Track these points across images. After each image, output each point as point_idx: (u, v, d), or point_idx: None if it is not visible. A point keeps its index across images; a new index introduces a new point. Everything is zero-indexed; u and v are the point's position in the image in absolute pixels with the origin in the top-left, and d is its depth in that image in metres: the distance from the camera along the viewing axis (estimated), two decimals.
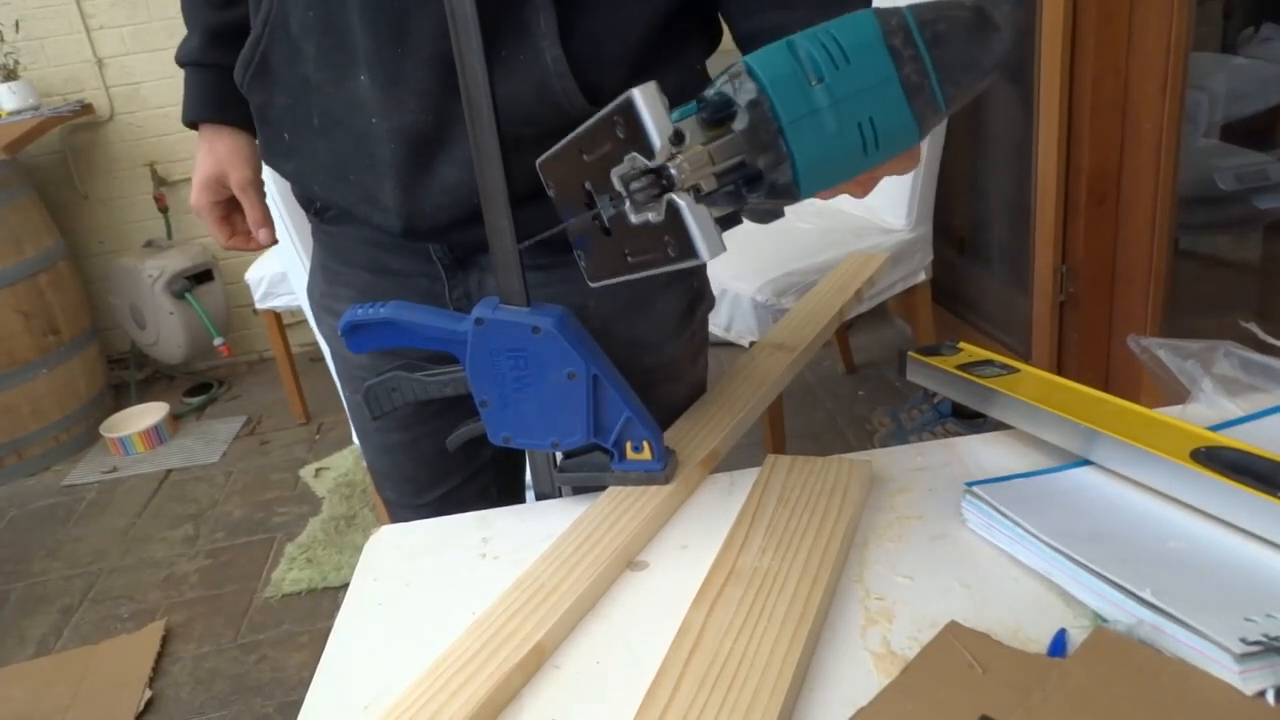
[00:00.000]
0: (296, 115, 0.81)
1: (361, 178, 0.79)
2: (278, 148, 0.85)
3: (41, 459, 2.87)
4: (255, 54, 0.81)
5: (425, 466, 0.98)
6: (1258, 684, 0.46)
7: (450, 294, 0.87)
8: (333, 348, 1.01)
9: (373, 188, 0.79)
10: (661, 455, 0.71)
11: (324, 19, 0.76)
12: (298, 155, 0.84)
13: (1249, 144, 2.35)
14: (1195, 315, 2.12)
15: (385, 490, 1.03)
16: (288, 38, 0.79)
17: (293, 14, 0.77)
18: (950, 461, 0.73)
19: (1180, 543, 0.57)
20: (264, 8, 0.79)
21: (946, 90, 0.54)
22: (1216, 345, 0.75)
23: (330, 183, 0.82)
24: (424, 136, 0.75)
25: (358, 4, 0.73)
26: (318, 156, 0.82)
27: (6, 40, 3.02)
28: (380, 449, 0.99)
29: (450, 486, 1.00)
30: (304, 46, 0.78)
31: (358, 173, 0.79)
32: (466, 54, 0.63)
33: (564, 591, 0.60)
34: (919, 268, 2.30)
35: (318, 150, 0.81)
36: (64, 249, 2.95)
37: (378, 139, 0.76)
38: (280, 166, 0.87)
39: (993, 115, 2.41)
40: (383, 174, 0.77)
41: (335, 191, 0.83)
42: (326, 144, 0.80)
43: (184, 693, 1.86)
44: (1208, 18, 2.64)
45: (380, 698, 0.56)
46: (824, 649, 0.55)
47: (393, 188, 0.77)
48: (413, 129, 0.75)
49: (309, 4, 0.76)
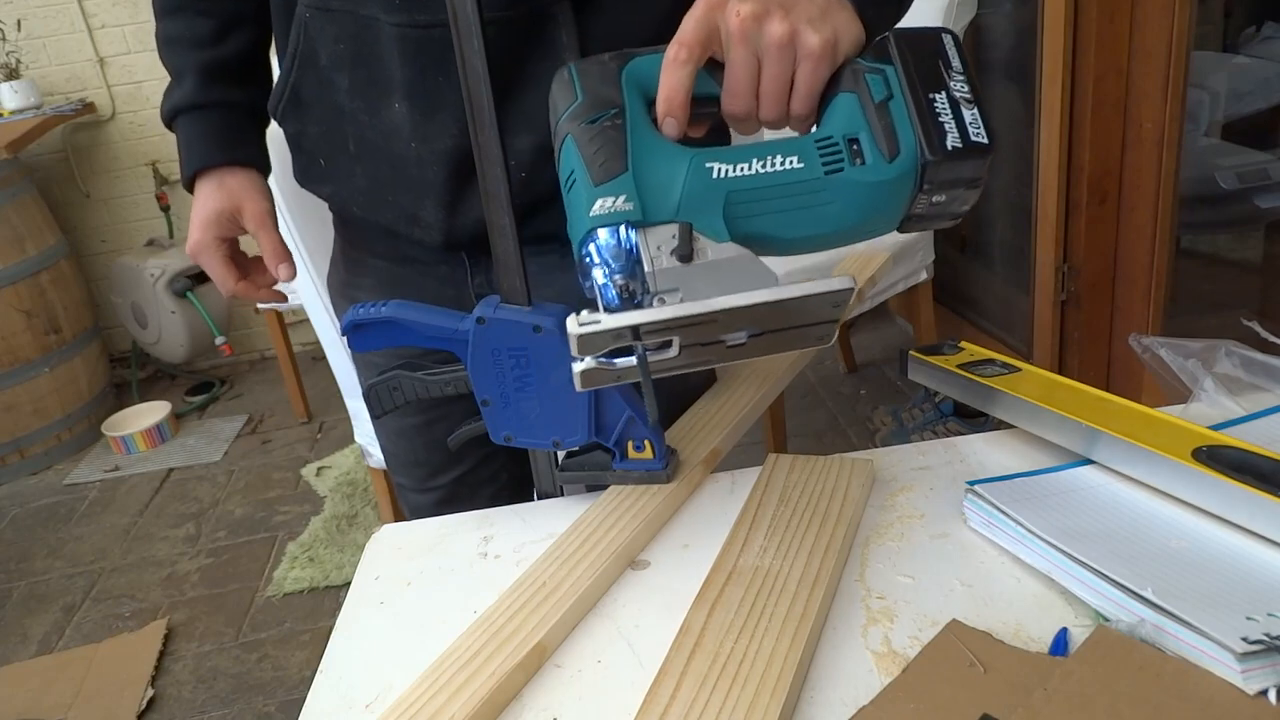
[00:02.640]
0: (331, 142, 0.83)
1: (400, 198, 0.82)
2: (314, 173, 0.87)
3: (43, 458, 2.87)
4: (286, 87, 0.83)
5: (439, 450, 0.98)
6: (1259, 683, 0.46)
7: (472, 280, 0.88)
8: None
9: (413, 207, 0.81)
10: (663, 454, 0.71)
11: (355, 53, 0.77)
12: (334, 179, 0.85)
13: (1250, 143, 2.34)
14: (1197, 314, 2.12)
15: (398, 474, 1.04)
16: (317, 69, 0.81)
17: (321, 48, 0.79)
18: (952, 460, 0.73)
19: (1182, 542, 0.57)
20: (291, 42, 0.80)
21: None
22: (1218, 344, 0.75)
23: (369, 204, 0.84)
24: (466, 158, 0.75)
25: (395, 36, 0.74)
26: (355, 180, 0.83)
27: (8, 39, 3.03)
28: (395, 433, 0.99)
29: (463, 470, 1.00)
30: (335, 78, 0.79)
31: (396, 194, 0.82)
32: (469, 52, 0.63)
33: (565, 590, 0.60)
34: (920, 267, 2.30)
35: (355, 174, 0.83)
36: (66, 248, 2.96)
37: (418, 162, 0.79)
38: (317, 190, 0.88)
39: (994, 114, 2.41)
40: (424, 194, 0.80)
41: (374, 212, 0.84)
42: (363, 168, 0.82)
43: (186, 691, 1.86)
44: (1209, 16, 2.64)
45: (382, 696, 0.56)
46: (825, 648, 0.55)
47: (435, 207, 0.80)
48: (455, 152, 0.77)
49: (338, 37, 0.78)
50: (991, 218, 2.55)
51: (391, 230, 0.85)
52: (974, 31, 2.24)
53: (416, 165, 0.79)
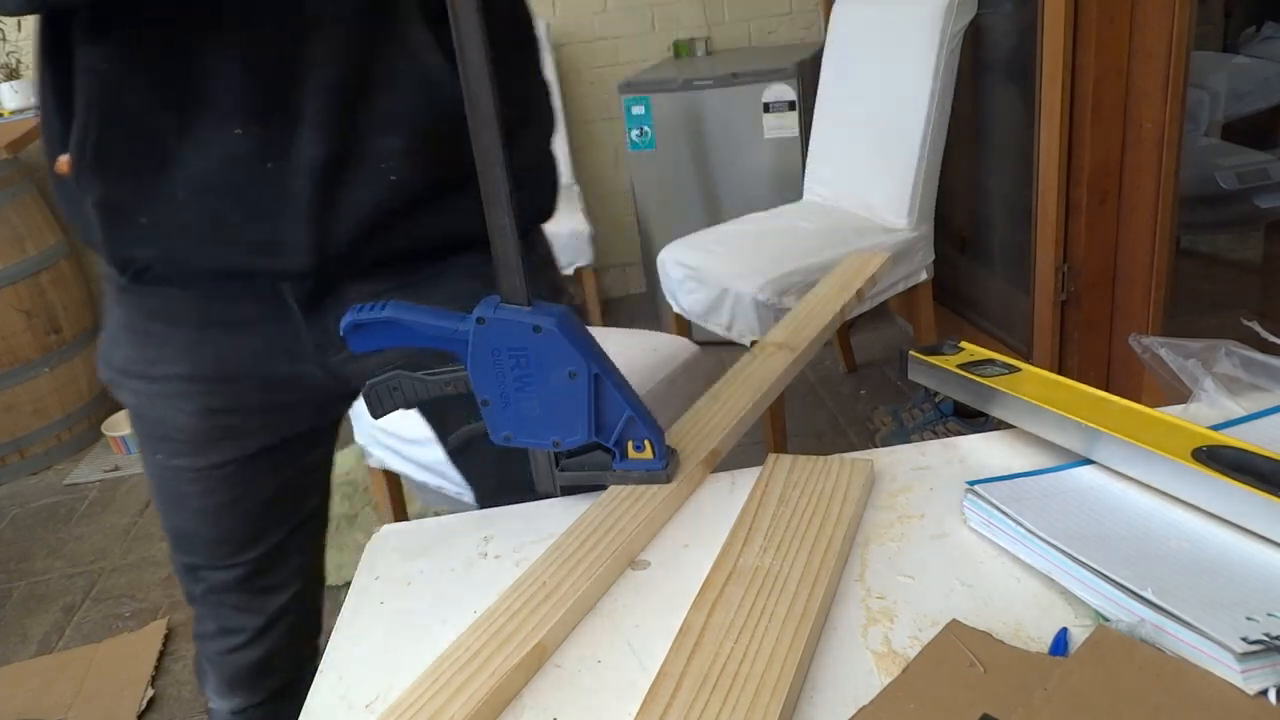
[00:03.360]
0: (152, 194, 0.76)
1: (250, 231, 0.77)
2: (128, 237, 0.79)
3: (43, 457, 2.87)
4: (85, 149, 0.75)
5: (251, 522, 0.96)
6: (1259, 683, 0.46)
7: (308, 333, 0.85)
8: (136, 413, 0.93)
9: (270, 234, 0.77)
10: (663, 454, 0.71)
11: (183, 91, 0.72)
12: (158, 236, 0.78)
13: (1250, 143, 2.35)
14: (1197, 314, 2.12)
15: (192, 556, 0.99)
16: (125, 121, 0.74)
17: (129, 96, 0.73)
18: (951, 460, 0.73)
19: (1182, 542, 0.57)
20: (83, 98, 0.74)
21: None
22: (1218, 344, 0.75)
23: (205, 248, 0.78)
24: (329, 166, 0.75)
25: (237, 57, 0.71)
26: (188, 228, 0.78)
27: (9, 40, 3.03)
28: (196, 513, 0.95)
29: (276, 540, 0.99)
30: (156, 122, 0.74)
31: (245, 226, 0.77)
32: (469, 52, 0.63)
33: (565, 591, 0.60)
34: (920, 267, 2.30)
35: (187, 221, 0.77)
36: (66, 248, 2.96)
37: (276, 181, 0.75)
38: (132, 255, 0.80)
39: (994, 114, 2.41)
40: (284, 214, 0.76)
41: (214, 257, 0.79)
42: (197, 212, 0.77)
43: (186, 691, 1.86)
44: (1209, 16, 2.64)
45: (382, 696, 0.56)
46: (825, 648, 0.55)
47: (299, 224, 0.76)
48: (317, 160, 0.74)
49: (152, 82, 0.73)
50: (991, 218, 2.55)
51: (232, 274, 0.80)
52: (974, 31, 2.24)
53: (274, 185, 0.75)
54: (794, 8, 3.32)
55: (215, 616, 1.04)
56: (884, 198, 2.30)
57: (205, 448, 0.91)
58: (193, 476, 0.93)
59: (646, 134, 2.91)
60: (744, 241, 2.32)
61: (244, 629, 1.04)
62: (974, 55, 2.33)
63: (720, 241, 2.33)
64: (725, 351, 1.66)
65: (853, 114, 2.40)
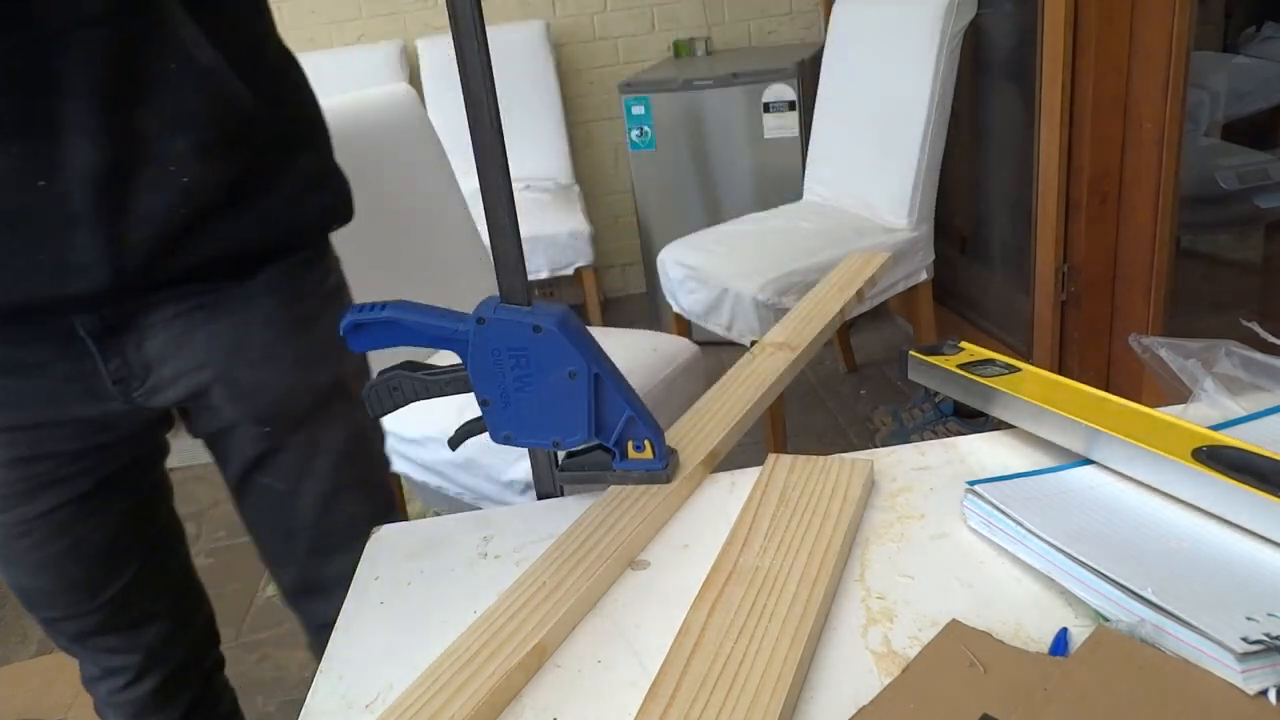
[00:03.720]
0: None
1: (34, 257, 0.73)
2: None
3: None
4: None
5: (97, 564, 0.92)
6: (1259, 683, 0.46)
7: (106, 366, 0.82)
8: None
9: (57, 256, 0.73)
10: (663, 454, 0.71)
11: None
12: None
13: (1250, 143, 2.35)
14: (1197, 314, 2.12)
15: (48, 610, 0.95)
16: None
17: None
18: (951, 460, 0.73)
19: (1182, 542, 0.57)
20: None
21: None
22: (1218, 344, 0.75)
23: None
24: (110, 173, 0.72)
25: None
26: None
27: None
28: (36, 566, 0.90)
29: (130, 573, 0.95)
30: None
31: (27, 254, 0.73)
32: (469, 52, 0.63)
33: (565, 590, 0.60)
34: (920, 267, 2.30)
35: None
36: None
37: (53, 200, 0.71)
38: None
39: (994, 114, 2.41)
40: (71, 233, 0.72)
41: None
42: None
43: None
44: (1209, 16, 2.64)
45: (382, 696, 0.56)
46: (825, 648, 0.55)
47: (91, 240, 0.73)
48: (99, 167, 0.71)
49: None
50: (991, 218, 2.55)
51: (22, 310, 0.76)
52: (974, 31, 2.24)
53: (52, 204, 0.71)
54: (794, 8, 3.32)
55: (93, 661, 1.00)
56: (884, 198, 2.30)
57: (27, 498, 0.87)
58: (23, 530, 0.88)
59: (646, 134, 2.92)
60: (744, 241, 2.32)
61: (127, 667, 0.99)
62: (974, 55, 2.33)
63: (720, 241, 2.34)
64: (725, 351, 1.66)
65: (853, 114, 2.40)
